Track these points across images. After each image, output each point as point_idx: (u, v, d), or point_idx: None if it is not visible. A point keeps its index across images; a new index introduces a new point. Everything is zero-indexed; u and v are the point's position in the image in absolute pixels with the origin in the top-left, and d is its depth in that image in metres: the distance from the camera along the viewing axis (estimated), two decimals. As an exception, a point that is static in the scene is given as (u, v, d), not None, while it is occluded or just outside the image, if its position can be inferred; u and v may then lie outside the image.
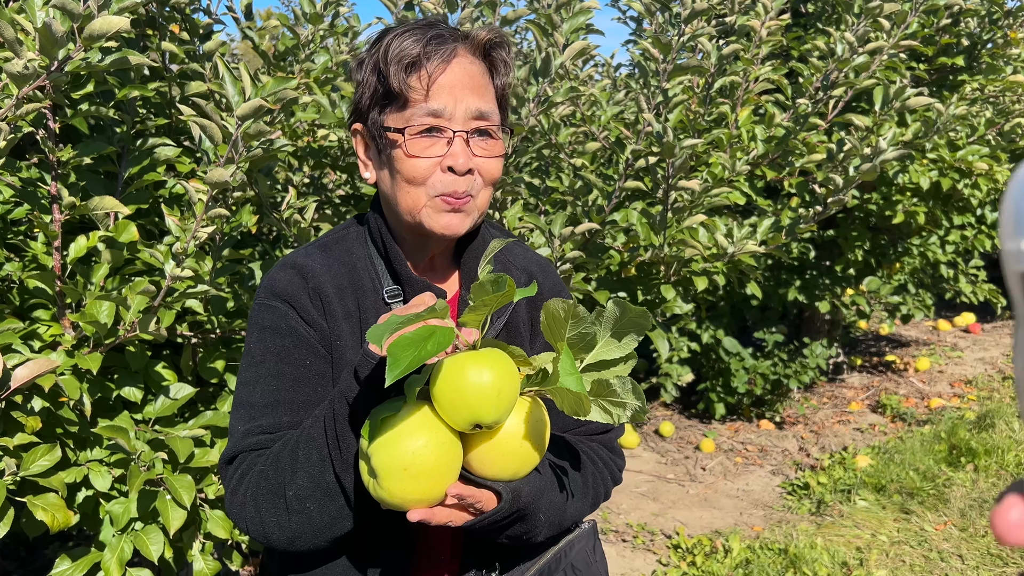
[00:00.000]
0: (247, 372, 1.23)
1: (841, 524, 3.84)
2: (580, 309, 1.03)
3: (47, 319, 1.99)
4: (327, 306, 1.23)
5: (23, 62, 1.33)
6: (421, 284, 1.24)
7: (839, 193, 2.42)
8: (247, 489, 1.15)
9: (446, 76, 1.16)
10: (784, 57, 4.43)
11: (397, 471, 0.96)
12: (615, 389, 1.04)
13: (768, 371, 5.15)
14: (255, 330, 1.24)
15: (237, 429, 1.21)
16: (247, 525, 1.15)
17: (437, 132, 1.17)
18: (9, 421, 1.73)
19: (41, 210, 2.00)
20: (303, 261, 1.26)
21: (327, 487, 1.09)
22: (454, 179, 1.17)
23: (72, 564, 1.90)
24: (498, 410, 0.97)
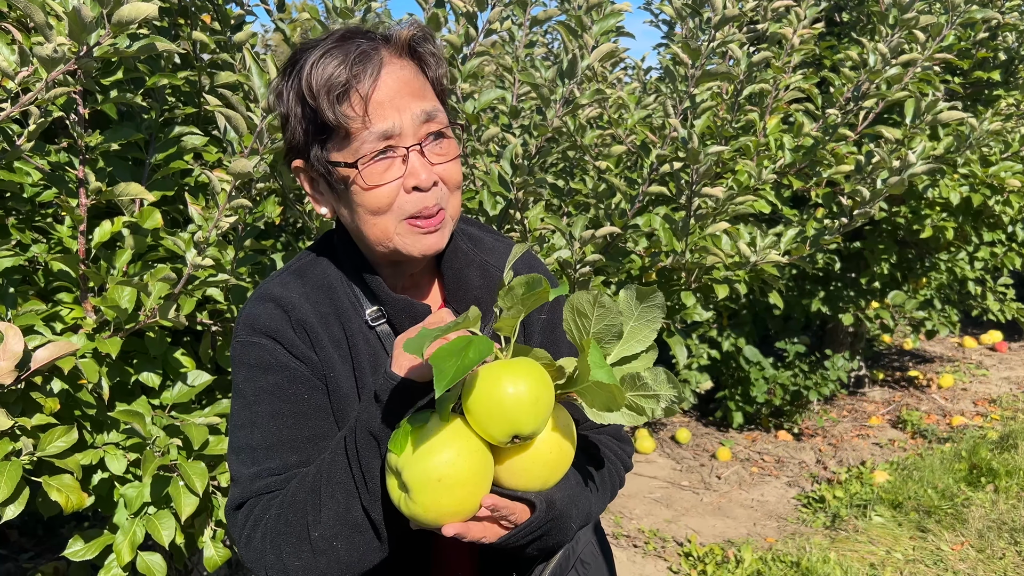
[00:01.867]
0: (241, 414, 1.18)
1: (856, 539, 3.79)
2: (605, 299, 1.00)
3: (70, 302, 2.01)
4: (314, 337, 1.19)
5: (52, 46, 1.34)
6: (403, 303, 1.20)
7: (866, 206, 2.39)
8: (264, 536, 1.11)
9: (381, 91, 1.09)
10: (817, 66, 4.39)
11: (431, 483, 0.94)
12: (646, 381, 1.01)
13: (788, 381, 5.11)
14: (242, 369, 1.19)
15: (242, 474, 1.16)
16: (267, 571, 1.11)
17: (391, 151, 1.11)
18: (28, 402, 1.75)
19: (68, 194, 2.02)
20: (280, 292, 1.21)
21: (354, 523, 1.06)
22: (421, 196, 1.12)
23: (85, 545, 1.92)
24: (536, 421, 0.95)
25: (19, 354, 1.61)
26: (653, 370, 1.01)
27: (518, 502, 1.06)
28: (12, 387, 1.67)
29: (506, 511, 1.04)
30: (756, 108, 2.79)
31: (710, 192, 2.15)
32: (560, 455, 1.04)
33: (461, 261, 1.28)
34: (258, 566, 1.12)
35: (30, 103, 1.45)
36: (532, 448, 1.01)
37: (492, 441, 0.97)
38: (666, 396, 1.00)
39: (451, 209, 1.19)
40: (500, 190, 2.05)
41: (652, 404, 1.01)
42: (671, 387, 1.00)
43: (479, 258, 1.31)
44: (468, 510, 0.99)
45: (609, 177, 2.30)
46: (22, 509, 1.66)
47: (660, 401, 1.00)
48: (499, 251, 1.35)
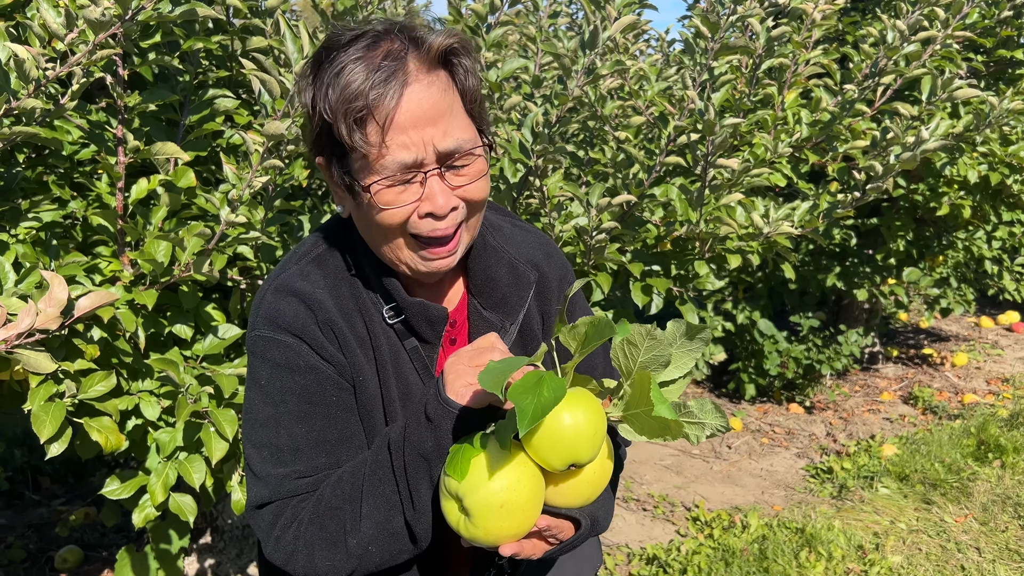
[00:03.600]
0: (265, 410, 1.17)
1: (861, 509, 3.88)
2: (657, 332, 1.03)
3: (108, 255, 2.11)
4: (341, 339, 1.17)
5: (101, 9, 1.42)
6: (418, 307, 1.19)
7: (878, 180, 2.44)
8: (297, 537, 1.13)
9: (402, 116, 1.02)
10: (840, 42, 4.40)
11: (494, 508, 1.00)
12: (691, 411, 1.06)
13: (801, 355, 5.17)
14: (265, 365, 1.17)
15: (268, 473, 1.16)
16: (295, 568, 1.14)
17: (409, 179, 1.07)
18: (71, 347, 1.86)
19: (107, 152, 2.11)
20: (302, 287, 1.17)
21: (393, 531, 1.11)
22: (434, 223, 1.09)
23: (121, 485, 2.04)
24: (593, 450, 1.01)
25: (63, 302, 1.71)
26: (699, 401, 1.06)
27: (564, 519, 1.14)
28: (56, 333, 1.77)
29: (555, 530, 1.11)
30: (774, 82, 2.83)
31: (725, 164, 2.21)
32: (603, 475, 1.10)
33: (491, 258, 1.27)
34: (285, 562, 1.15)
35: (77, 64, 1.53)
36: (581, 472, 1.07)
37: (549, 468, 1.03)
38: (711, 425, 1.05)
39: (472, 224, 1.16)
40: (521, 157, 2.12)
41: (698, 431, 1.06)
42: (718, 416, 1.05)
43: (508, 255, 1.30)
44: (524, 531, 1.06)
45: (627, 147, 2.36)
46: (65, 447, 1.77)
47: (705, 429, 1.06)
48: (518, 240, 1.35)
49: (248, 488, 1.19)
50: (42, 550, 3.45)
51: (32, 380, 1.77)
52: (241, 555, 3.08)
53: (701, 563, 3.30)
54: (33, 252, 1.92)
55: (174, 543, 2.56)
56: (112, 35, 1.99)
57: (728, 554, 3.38)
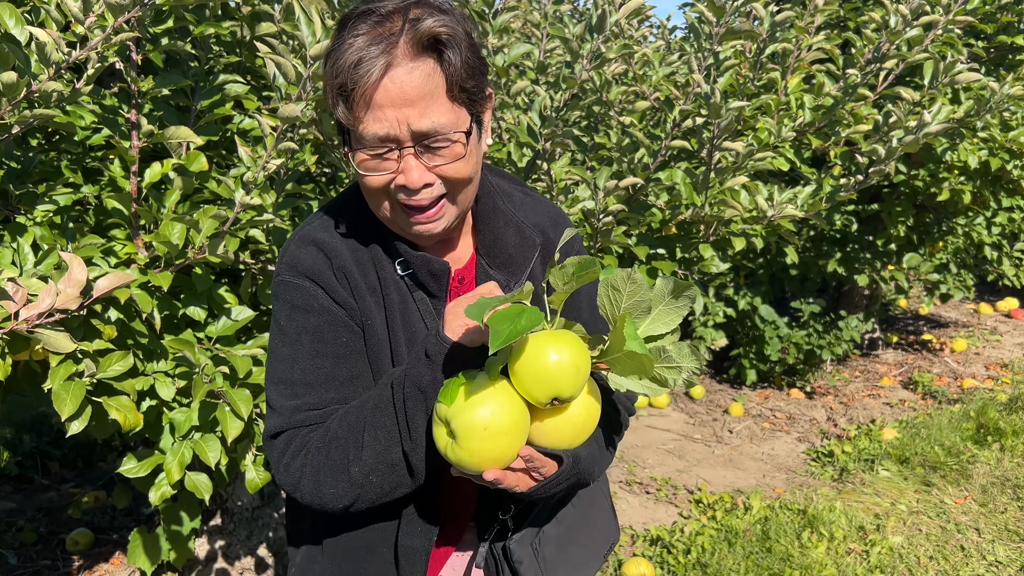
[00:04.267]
0: (282, 349, 1.26)
1: (862, 491, 3.92)
2: (637, 275, 1.10)
3: (122, 238, 2.14)
4: (353, 285, 1.26)
5: (121, -5, 1.45)
6: (421, 260, 1.27)
7: (881, 164, 2.47)
8: (303, 465, 1.21)
9: (381, 95, 1.09)
10: (841, 27, 4.42)
11: (478, 430, 1.06)
12: (671, 354, 1.12)
13: (802, 341, 5.21)
14: (285, 307, 1.27)
15: (282, 405, 1.25)
16: (302, 496, 1.22)
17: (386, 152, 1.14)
18: (89, 328, 1.89)
19: (121, 137, 2.14)
20: (322, 237, 1.27)
21: (391, 462, 1.18)
22: (407, 196, 1.17)
23: (138, 464, 2.07)
24: (575, 386, 1.07)
25: (83, 282, 1.74)
26: (677, 344, 1.12)
27: (549, 458, 1.18)
28: (76, 313, 1.80)
29: (539, 463, 1.16)
30: (778, 67, 2.86)
31: (731, 147, 2.24)
32: (588, 419, 1.15)
33: (500, 220, 1.35)
34: (293, 488, 1.23)
35: (95, 48, 1.56)
36: (565, 411, 1.13)
37: (533, 402, 1.09)
38: (688, 367, 1.11)
39: (459, 197, 1.22)
40: (529, 141, 2.15)
41: (675, 375, 1.12)
42: (693, 359, 1.11)
43: (516, 218, 1.37)
44: (507, 458, 1.11)
45: (633, 131, 2.39)
46: (85, 424, 1.80)
47: (682, 372, 1.12)
48: (528, 207, 1.42)
49: (266, 421, 1.27)
50: (53, 533, 3.49)
51: (52, 360, 1.80)
52: (251, 536, 3.12)
53: (705, 543, 3.35)
54: (51, 234, 1.95)
55: (185, 524, 2.59)
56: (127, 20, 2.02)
57: (731, 535, 3.43)
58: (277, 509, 3.27)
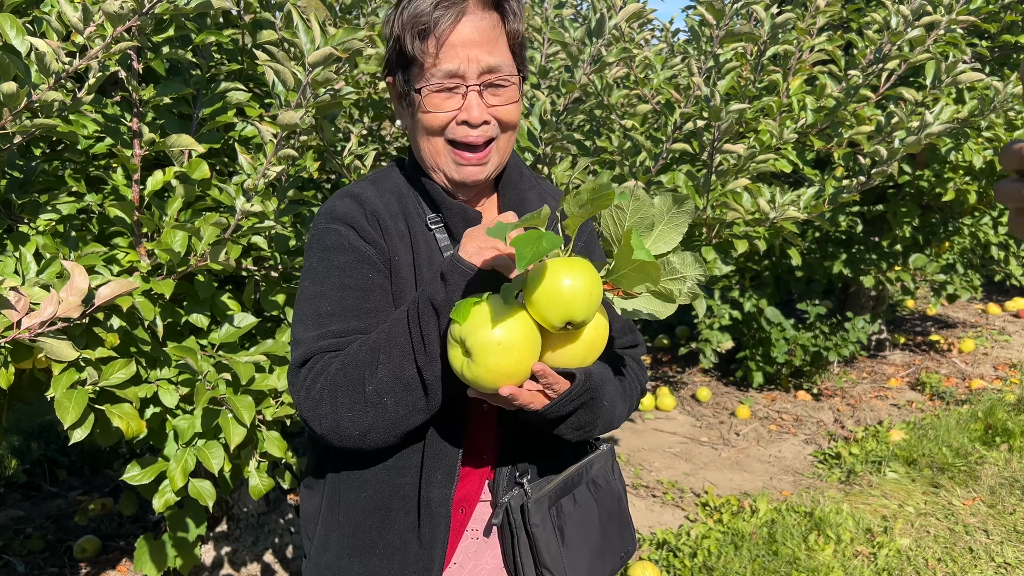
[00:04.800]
0: (311, 287, 1.34)
1: (869, 493, 3.91)
2: (639, 191, 1.13)
3: (125, 246, 2.15)
4: (383, 226, 1.36)
5: (118, 3, 1.45)
6: (457, 208, 1.37)
7: (883, 164, 2.46)
8: (323, 387, 1.26)
9: (455, 36, 1.25)
10: (844, 29, 4.42)
11: (492, 345, 1.09)
12: (674, 265, 1.16)
13: (808, 343, 5.20)
14: (317, 251, 1.36)
15: (307, 336, 1.31)
16: (320, 421, 1.26)
17: (453, 88, 1.28)
18: (91, 336, 1.90)
19: (123, 145, 2.14)
20: (358, 191, 1.39)
21: (406, 381, 1.22)
22: (467, 129, 1.29)
23: (141, 471, 2.08)
24: (589, 311, 1.10)
25: (85, 290, 1.75)
26: (680, 254, 1.16)
27: (562, 376, 1.21)
28: (78, 321, 1.81)
29: (551, 379, 1.19)
30: (779, 69, 2.85)
31: (732, 149, 2.23)
32: (597, 337, 1.18)
33: (525, 184, 1.47)
34: (313, 416, 1.26)
35: (95, 57, 1.57)
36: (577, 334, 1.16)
37: (547, 326, 1.11)
38: (692, 276, 1.15)
39: (502, 144, 1.35)
40: (529, 145, 2.15)
41: (679, 285, 1.16)
42: (697, 266, 1.14)
43: (539, 184, 1.51)
44: (521, 374, 1.14)
45: (634, 135, 2.39)
46: (88, 432, 1.81)
47: (687, 281, 1.15)
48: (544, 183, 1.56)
49: (292, 359, 1.31)
50: (60, 540, 3.50)
51: (55, 368, 1.81)
52: (257, 542, 3.13)
53: (711, 547, 3.34)
54: (53, 243, 1.96)
55: (191, 531, 2.60)
56: (127, 29, 2.03)
57: (737, 538, 3.42)
58: (283, 515, 3.27)
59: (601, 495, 1.49)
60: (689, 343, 5.61)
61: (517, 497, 1.38)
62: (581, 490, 1.46)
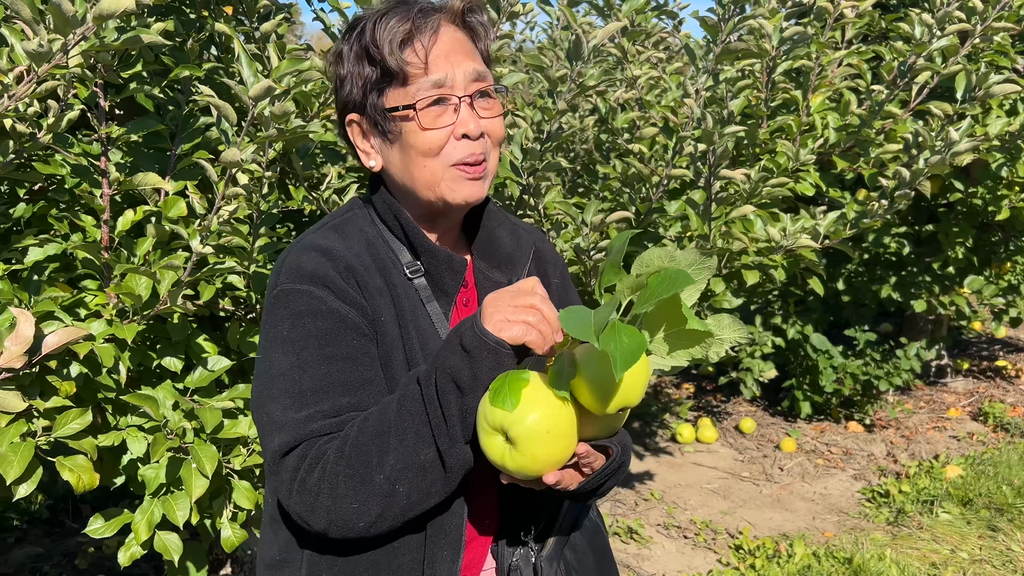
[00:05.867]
0: (284, 360, 1.16)
1: (919, 536, 3.63)
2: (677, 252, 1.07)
3: (94, 289, 2.08)
4: (361, 283, 1.20)
5: (38, 40, 1.38)
6: (444, 254, 1.26)
7: (906, 187, 2.26)
8: (322, 478, 1.09)
9: (439, 46, 1.19)
10: (884, 39, 4.18)
11: (540, 434, 1.03)
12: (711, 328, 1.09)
13: (858, 371, 4.92)
14: (287, 316, 1.18)
15: (291, 418, 1.13)
16: (321, 516, 1.09)
17: (444, 101, 1.19)
18: (45, 385, 1.83)
19: (93, 184, 2.09)
20: (323, 243, 1.22)
21: (422, 465, 1.08)
22: (468, 144, 1.20)
23: (105, 524, 2.00)
24: (642, 393, 1.05)
25: (29, 339, 1.67)
26: (717, 317, 1.08)
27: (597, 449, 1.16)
28: (27, 371, 1.74)
29: (591, 457, 1.13)
30: (791, 84, 2.67)
31: (729, 175, 2.07)
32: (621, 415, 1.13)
33: (495, 220, 1.36)
34: (311, 511, 1.10)
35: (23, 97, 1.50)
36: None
37: (597, 412, 1.05)
38: (730, 339, 1.07)
39: (491, 162, 1.26)
40: (510, 175, 2.03)
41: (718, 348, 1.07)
42: (737, 329, 1.07)
43: (509, 219, 1.40)
44: (565, 459, 1.09)
45: (632, 161, 2.24)
46: (34, 488, 1.73)
47: (724, 344, 1.07)
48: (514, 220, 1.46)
49: (268, 442, 1.15)
50: (75, 580, 3.47)
51: (2, 419, 1.74)
52: (260, 587, 3.03)
53: (740, 596, 3.13)
54: (10, 288, 1.90)
55: (192, 574, 2.51)
56: (91, 67, 1.98)
57: (770, 586, 3.20)
58: (291, 557, 3.18)
59: (591, 536, 1.42)
60: (731, 372, 5.38)
61: (524, 557, 1.30)
62: (576, 535, 1.38)
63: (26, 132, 1.84)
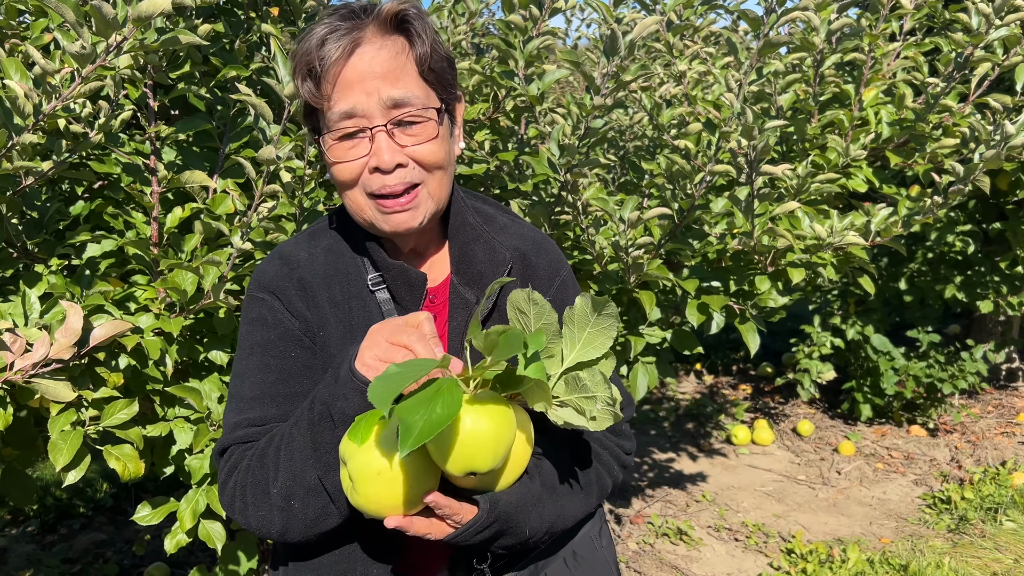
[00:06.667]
0: (237, 364, 1.24)
1: (980, 545, 3.50)
2: (537, 296, 1.01)
3: (144, 284, 2.15)
4: (312, 295, 1.23)
5: (80, 43, 1.43)
6: (398, 269, 1.22)
7: (960, 183, 2.18)
8: (235, 484, 1.15)
9: (349, 71, 1.09)
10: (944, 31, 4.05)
11: (371, 475, 0.97)
12: (585, 383, 1.01)
13: (921, 373, 4.77)
14: (245, 322, 1.25)
15: (228, 421, 1.22)
16: (237, 518, 1.16)
17: (355, 134, 1.12)
18: (94, 376, 1.89)
19: (143, 182, 2.15)
20: (290, 251, 1.27)
21: (309, 485, 1.09)
22: (381, 177, 1.13)
23: (152, 511, 2.06)
24: (495, 460, 0.96)
25: (78, 332, 1.73)
26: (591, 371, 1.01)
27: (465, 503, 1.06)
28: (76, 362, 1.80)
29: (448, 510, 1.03)
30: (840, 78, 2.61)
31: (769, 170, 2.03)
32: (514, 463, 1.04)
33: (468, 235, 1.29)
34: (230, 512, 1.17)
35: (69, 98, 1.55)
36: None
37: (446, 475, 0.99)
38: (602, 397, 0.99)
39: (432, 187, 1.18)
40: (547, 172, 2.02)
41: (591, 405, 1.00)
42: (606, 388, 0.99)
43: (486, 234, 1.31)
44: (408, 503, 1.00)
45: (674, 157, 2.22)
46: (82, 475, 1.79)
47: (597, 401, 0.99)
48: (511, 231, 1.35)
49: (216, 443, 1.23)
50: (135, 566, 3.58)
51: (53, 409, 1.80)
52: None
53: (789, 601, 3.07)
54: (63, 283, 1.97)
55: (242, 564, 2.57)
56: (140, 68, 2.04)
57: (821, 591, 3.13)
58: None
59: (582, 570, 1.30)
60: (788, 373, 5.27)
61: None
62: (556, 567, 1.27)
63: (79, 132, 1.91)
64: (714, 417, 5.25)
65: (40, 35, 2.07)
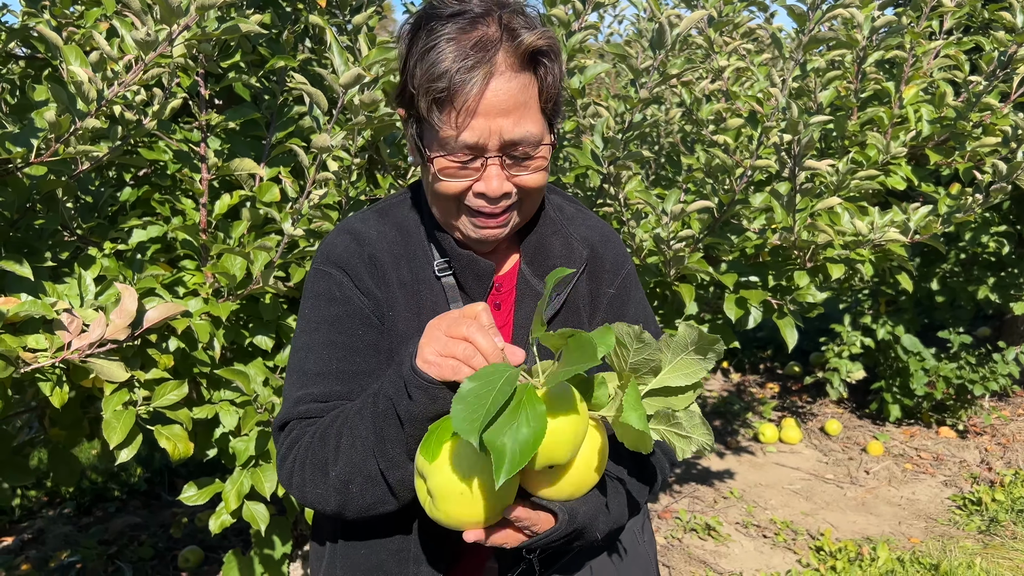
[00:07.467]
0: (300, 338, 1.24)
1: (1011, 547, 3.49)
2: (646, 335, 0.99)
3: (192, 268, 2.19)
4: (382, 274, 1.23)
5: (145, 30, 1.47)
6: (467, 258, 1.22)
7: (1002, 180, 2.18)
8: (295, 460, 1.17)
9: (481, 104, 1.07)
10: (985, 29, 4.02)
11: (454, 495, 0.97)
12: (681, 422, 1.01)
13: (951, 374, 4.75)
14: (310, 296, 1.25)
15: (291, 396, 1.22)
16: (294, 493, 1.18)
17: (470, 160, 1.11)
18: (145, 357, 1.93)
19: (192, 169, 2.19)
20: (359, 227, 1.26)
21: (368, 474, 1.11)
22: (484, 203, 1.14)
23: (198, 492, 2.10)
24: (572, 451, 0.97)
25: (132, 313, 1.78)
26: (689, 412, 1.01)
27: (542, 511, 1.07)
28: (130, 344, 1.85)
29: (528, 521, 1.05)
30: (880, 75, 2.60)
31: (814, 166, 2.04)
32: (588, 471, 1.04)
33: (548, 229, 1.30)
34: (288, 486, 1.19)
35: (131, 84, 1.59)
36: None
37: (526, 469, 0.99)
38: (697, 440, 1.00)
39: (527, 207, 1.20)
40: (591, 164, 2.04)
41: (684, 444, 1.01)
42: (705, 431, 1.00)
43: (564, 228, 1.33)
44: (489, 519, 1.02)
45: (715, 151, 2.23)
46: (134, 453, 1.84)
47: (692, 444, 1.01)
48: (578, 220, 1.38)
49: (276, 416, 1.24)
50: (169, 549, 3.65)
51: (106, 388, 1.85)
52: (341, 563, 3.12)
53: (818, 597, 3.07)
54: (116, 266, 2.01)
55: (277, 548, 2.62)
56: (192, 57, 2.08)
57: (850, 589, 3.13)
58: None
59: (625, 564, 1.33)
60: (817, 372, 5.25)
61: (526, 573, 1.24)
62: (601, 559, 1.30)
63: (133, 119, 1.95)
64: (741, 415, 5.25)
65: (95, 23, 2.12)
